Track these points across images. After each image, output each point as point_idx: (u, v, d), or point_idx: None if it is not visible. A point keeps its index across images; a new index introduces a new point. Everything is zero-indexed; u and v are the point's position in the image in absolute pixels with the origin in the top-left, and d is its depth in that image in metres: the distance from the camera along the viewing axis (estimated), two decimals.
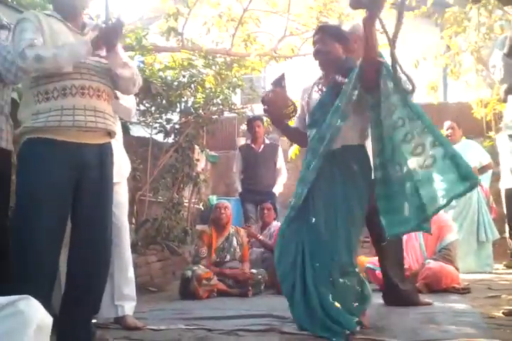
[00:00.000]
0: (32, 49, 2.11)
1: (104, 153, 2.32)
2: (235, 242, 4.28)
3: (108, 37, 2.25)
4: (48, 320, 1.62)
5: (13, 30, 2.24)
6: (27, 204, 2.15)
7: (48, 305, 1.98)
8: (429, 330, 2.60)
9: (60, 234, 2.21)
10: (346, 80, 2.61)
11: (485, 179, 5.66)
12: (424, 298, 3.54)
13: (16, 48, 2.16)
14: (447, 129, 5.61)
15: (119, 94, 2.74)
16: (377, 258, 3.54)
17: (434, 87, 7.19)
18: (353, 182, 2.62)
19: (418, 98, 9.38)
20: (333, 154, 2.63)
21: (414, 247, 4.27)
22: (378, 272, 3.72)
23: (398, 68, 2.46)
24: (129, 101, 2.85)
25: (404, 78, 2.50)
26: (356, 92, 2.56)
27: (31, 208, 2.14)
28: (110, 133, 2.36)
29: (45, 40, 2.21)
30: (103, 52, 2.30)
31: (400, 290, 3.33)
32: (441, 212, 4.80)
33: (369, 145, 2.69)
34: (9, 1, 4.03)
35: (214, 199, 6.63)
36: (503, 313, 2.94)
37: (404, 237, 4.32)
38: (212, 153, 7.62)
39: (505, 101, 3.14)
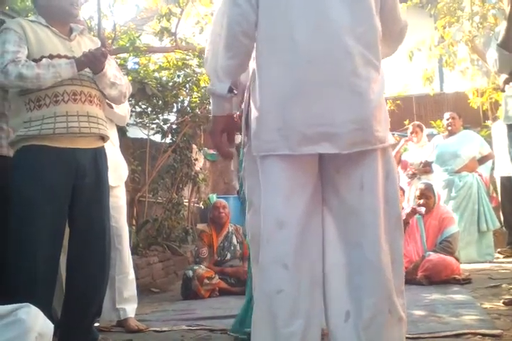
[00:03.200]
0: (16, 66, 2.10)
1: (98, 157, 2.33)
2: (234, 240, 4.30)
3: (94, 65, 2.25)
4: (48, 327, 1.64)
5: None
6: (25, 212, 2.15)
7: (48, 311, 2.01)
8: (430, 323, 2.62)
9: (59, 239, 2.23)
10: None
11: (485, 169, 5.68)
12: (425, 289, 3.56)
13: None
14: (448, 119, 5.60)
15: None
16: None
17: (430, 78, 7.19)
18: None
19: (415, 89, 9.42)
20: None
21: (415, 239, 4.29)
22: None
23: None
24: (123, 108, 2.89)
25: None
26: None
27: (30, 216, 2.15)
28: (103, 138, 2.37)
29: (31, 49, 2.20)
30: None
31: None
32: (442, 204, 4.87)
33: None
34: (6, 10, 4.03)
35: (214, 197, 6.63)
36: (503, 303, 2.96)
37: (406, 229, 4.36)
38: (211, 151, 7.63)
39: (503, 90, 3.16)
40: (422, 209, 4.31)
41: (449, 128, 5.59)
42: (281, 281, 1.57)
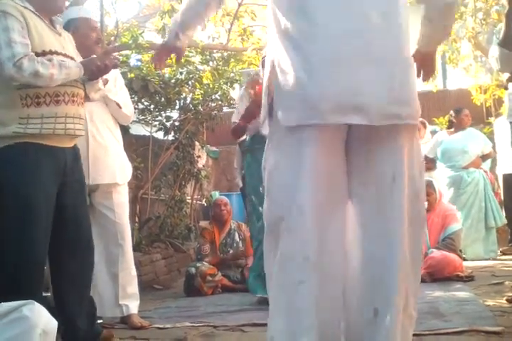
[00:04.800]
0: (32, 62, 2.04)
1: (77, 155, 2.35)
2: (237, 237, 4.31)
3: (101, 75, 2.31)
4: (52, 323, 1.65)
5: None
6: (23, 210, 2.12)
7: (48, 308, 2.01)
8: (432, 320, 2.62)
9: (49, 237, 2.23)
10: None
11: (485, 166, 5.67)
12: (428, 287, 3.56)
13: (5, 51, 2.04)
14: (466, 115, 5.56)
15: (121, 102, 2.80)
16: None
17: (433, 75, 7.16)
18: None
19: (417, 86, 9.36)
20: None
21: None
22: None
23: None
24: (129, 108, 2.93)
25: None
26: None
27: (29, 214, 2.13)
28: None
29: (32, 41, 2.12)
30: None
31: None
32: (446, 201, 4.85)
33: None
34: None
35: (216, 194, 6.65)
36: (506, 300, 2.96)
37: None
38: (213, 148, 7.63)
39: (506, 88, 3.16)
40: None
41: (465, 124, 5.54)
42: (302, 273, 1.56)
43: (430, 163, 5.66)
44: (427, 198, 4.32)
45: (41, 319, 1.58)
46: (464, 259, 4.49)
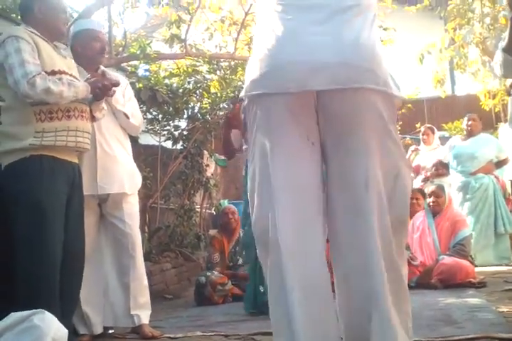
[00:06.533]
0: (44, 79, 2.18)
1: (80, 172, 2.46)
2: None
3: (105, 96, 2.44)
4: (62, 332, 1.65)
5: (4, 46, 2.23)
6: (39, 219, 2.18)
7: (69, 319, 2.02)
8: (445, 327, 2.59)
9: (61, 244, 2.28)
10: None
11: (499, 172, 5.63)
12: (440, 293, 3.52)
13: (19, 70, 2.16)
14: (468, 121, 5.55)
15: (128, 113, 2.84)
16: None
17: (441, 81, 7.16)
18: None
19: (425, 92, 9.33)
20: None
21: (428, 243, 4.26)
22: None
23: None
24: (137, 119, 2.97)
25: None
26: None
27: (44, 223, 2.19)
28: None
29: (42, 62, 2.25)
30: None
31: None
32: (456, 207, 4.83)
33: None
34: (13, 17, 4.09)
35: (225, 203, 6.64)
36: None
37: (418, 233, 4.33)
38: (222, 157, 7.64)
39: (509, 94, 3.15)
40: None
41: (469, 128, 5.53)
42: (286, 285, 1.54)
43: (443, 169, 5.65)
44: (436, 199, 4.31)
45: (51, 328, 1.58)
46: (475, 266, 4.45)
